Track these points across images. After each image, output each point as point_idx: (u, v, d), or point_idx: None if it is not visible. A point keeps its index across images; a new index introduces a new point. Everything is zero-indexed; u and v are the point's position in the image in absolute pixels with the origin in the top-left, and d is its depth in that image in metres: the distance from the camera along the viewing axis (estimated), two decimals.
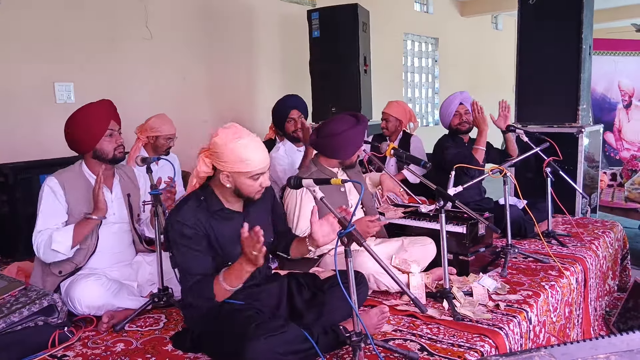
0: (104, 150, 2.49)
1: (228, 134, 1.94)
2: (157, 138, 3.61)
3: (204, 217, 1.99)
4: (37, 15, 4.05)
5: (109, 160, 2.51)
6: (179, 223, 1.95)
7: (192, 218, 1.96)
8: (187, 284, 1.95)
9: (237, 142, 1.92)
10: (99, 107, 2.52)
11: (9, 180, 3.50)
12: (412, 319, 2.30)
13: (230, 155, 1.92)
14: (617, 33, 8.02)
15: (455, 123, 3.68)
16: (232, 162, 1.93)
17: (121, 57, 4.60)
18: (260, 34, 5.86)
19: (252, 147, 1.94)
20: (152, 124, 3.61)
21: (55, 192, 2.40)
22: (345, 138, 2.64)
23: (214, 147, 1.96)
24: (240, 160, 1.92)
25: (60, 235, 2.32)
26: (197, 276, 1.95)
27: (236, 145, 1.91)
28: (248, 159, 1.92)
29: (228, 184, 1.99)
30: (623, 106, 5.91)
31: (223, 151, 1.93)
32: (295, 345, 1.78)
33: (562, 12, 4.22)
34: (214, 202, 2.03)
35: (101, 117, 2.49)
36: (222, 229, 2.03)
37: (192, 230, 1.95)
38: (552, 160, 3.32)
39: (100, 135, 2.46)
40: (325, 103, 5.25)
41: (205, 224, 1.99)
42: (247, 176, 1.95)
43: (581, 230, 3.66)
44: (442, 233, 2.38)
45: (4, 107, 3.93)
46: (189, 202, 2.01)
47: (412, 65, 8.79)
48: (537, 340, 2.44)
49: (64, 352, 2.08)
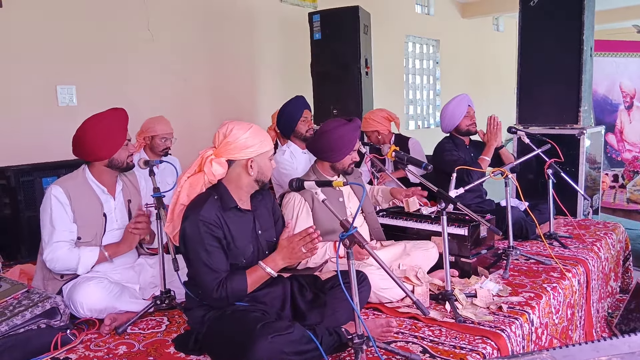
0: (120, 159, 2.50)
1: (241, 125, 2.07)
2: (153, 138, 3.63)
3: (221, 215, 2.03)
4: (39, 18, 4.06)
5: (123, 169, 2.53)
6: (205, 223, 1.97)
7: (214, 216, 2.00)
8: (215, 281, 1.96)
9: (252, 127, 2.08)
10: (119, 116, 2.50)
11: (11, 182, 3.51)
12: (414, 321, 2.30)
13: (253, 139, 2.05)
14: (618, 34, 8.00)
15: (467, 124, 3.63)
16: (256, 145, 2.05)
17: (123, 60, 4.61)
18: (262, 36, 5.88)
19: (262, 131, 2.14)
20: (147, 124, 3.64)
21: (62, 202, 2.39)
22: (335, 135, 2.64)
23: (234, 139, 2.03)
24: (261, 142, 2.07)
25: (86, 259, 2.39)
26: (225, 272, 1.99)
27: (254, 130, 2.07)
28: (265, 139, 2.10)
29: (252, 172, 2.07)
30: (624, 107, 5.90)
31: (247, 138, 2.04)
32: (300, 345, 1.80)
33: (563, 13, 4.22)
34: (228, 199, 2.07)
35: (122, 126, 2.50)
36: (236, 226, 2.06)
37: (217, 229, 1.99)
38: (553, 162, 3.32)
39: (120, 144, 2.47)
40: (326, 105, 5.26)
41: (222, 221, 2.02)
42: (267, 156, 2.11)
43: (583, 231, 3.65)
44: (443, 235, 2.38)
45: (7, 110, 3.95)
46: (208, 201, 2.02)
47: (414, 67, 8.80)
48: (539, 342, 2.43)
49: (67, 354, 2.09)
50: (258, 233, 2.13)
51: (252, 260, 2.07)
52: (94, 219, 2.45)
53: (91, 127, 2.44)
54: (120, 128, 2.49)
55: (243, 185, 2.10)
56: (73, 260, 2.36)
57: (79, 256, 2.37)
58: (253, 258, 2.08)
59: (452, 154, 3.58)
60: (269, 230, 2.20)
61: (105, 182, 2.52)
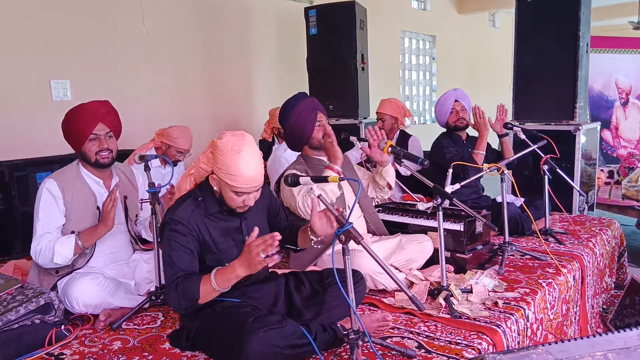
0: (87, 154, 2.44)
1: (230, 142, 1.90)
2: (170, 147, 3.62)
3: (200, 218, 1.99)
4: (33, 12, 4.03)
5: (92, 165, 2.46)
6: (174, 220, 1.95)
7: (187, 218, 1.96)
8: (171, 278, 1.90)
9: (234, 154, 1.88)
10: (87, 109, 2.43)
11: (5, 177, 3.50)
12: (410, 317, 2.30)
13: (223, 162, 1.90)
14: (614, 31, 8.02)
15: (453, 121, 3.67)
16: (223, 170, 1.91)
17: (117, 55, 4.58)
18: (258, 32, 5.85)
19: (246, 165, 1.88)
20: (171, 132, 3.62)
21: (54, 195, 2.37)
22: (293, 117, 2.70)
23: (214, 147, 1.96)
24: (229, 173, 1.89)
25: (62, 247, 2.31)
26: (183, 272, 1.91)
27: (232, 157, 1.88)
28: (237, 174, 1.88)
29: (215, 187, 2.00)
30: (620, 104, 5.91)
31: (219, 156, 1.91)
32: (293, 339, 1.80)
33: (559, 9, 4.22)
34: (212, 203, 2.02)
35: (87, 119, 2.40)
36: (219, 228, 2.03)
37: (186, 229, 1.95)
38: (549, 158, 3.32)
39: (83, 138, 2.41)
40: (322, 101, 5.14)
41: (200, 226, 1.98)
42: (232, 189, 1.93)
43: (578, 227, 3.66)
44: (439, 230, 2.38)
45: (0, 105, 3.92)
46: (187, 201, 2.00)
47: (410, 63, 8.78)
48: (534, 338, 2.44)
49: (61, 350, 2.08)
50: (245, 237, 2.03)
51: None
52: (87, 212, 2.44)
53: (64, 118, 2.46)
54: (87, 121, 2.40)
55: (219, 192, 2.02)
56: (50, 250, 2.30)
57: (53, 247, 2.30)
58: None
59: (449, 150, 3.58)
60: (260, 231, 2.13)
61: (99, 175, 2.51)
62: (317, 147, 2.76)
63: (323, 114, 2.76)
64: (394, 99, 4.36)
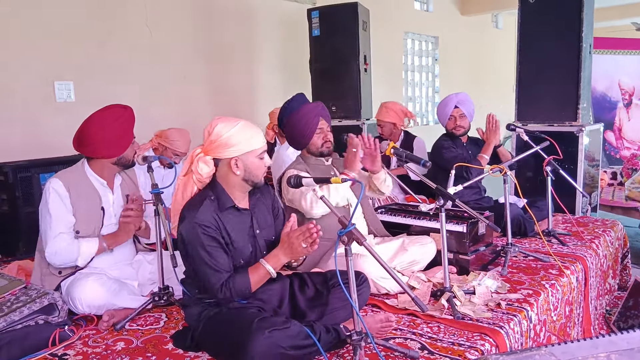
0: (128, 158, 2.50)
1: (226, 122, 2.01)
2: (166, 149, 3.63)
3: (219, 217, 2.00)
4: (37, 13, 4.05)
5: (129, 166, 2.54)
6: (202, 226, 1.94)
7: (211, 218, 1.97)
8: (219, 282, 1.94)
9: (240, 124, 2.00)
10: (128, 115, 2.47)
11: (9, 179, 3.50)
12: (413, 318, 2.30)
13: (237, 136, 1.98)
14: (617, 32, 8.01)
15: (450, 127, 3.67)
16: (242, 143, 1.99)
17: (121, 56, 4.60)
18: (260, 33, 5.86)
19: (252, 127, 2.04)
20: (169, 135, 3.63)
21: (61, 195, 2.37)
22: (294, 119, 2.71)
23: (217, 137, 1.98)
24: (247, 139, 1.99)
25: (87, 249, 2.37)
26: (228, 272, 1.96)
27: (240, 127, 2.00)
28: (253, 136, 2.01)
29: (237, 171, 2.01)
30: (623, 105, 5.90)
31: (230, 135, 1.98)
32: (298, 340, 1.80)
33: (562, 10, 4.22)
34: (225, 199, 2.04)
35: (131, 125, 2.48)
36: (234, 225, 2.04)
37: (215, 231, 1.97)
38: (552, 159, 3.32)
39: (129, 143, 2.47)
40: (325, 102, 5.13)
41: (219, 223, 2.00)
42: (255, 155, 2.02)
43: (581, 229, 3.66)
44: (442, 232, 2.38)
45: (4, 106, 3.93)
46: (204, 203, 1.99)
47: (412, 64, 8.78)
48: (537, 339, 2.44)
49: (65, 350, 2.08)
50: (256, 233, 2.11)
51: (250, 261, 2.05)
52: (92, 212, 2.44)
53: (101, 125, 2.40)
54: (129, 127, 2.47)
55: (233, 185, 2.05)
56: (74, 251, 2.34)
57: (79, 247, 2.36)
58: (251, 258, 2.06)
59: (451, 151, 3.58)
60: (267, 229, 2.17)
61: (105, 176, 2.51)
62: (314, 154, 2.75)
63: (326, 121, 2.76)
64: (391, 104, 4.34)
